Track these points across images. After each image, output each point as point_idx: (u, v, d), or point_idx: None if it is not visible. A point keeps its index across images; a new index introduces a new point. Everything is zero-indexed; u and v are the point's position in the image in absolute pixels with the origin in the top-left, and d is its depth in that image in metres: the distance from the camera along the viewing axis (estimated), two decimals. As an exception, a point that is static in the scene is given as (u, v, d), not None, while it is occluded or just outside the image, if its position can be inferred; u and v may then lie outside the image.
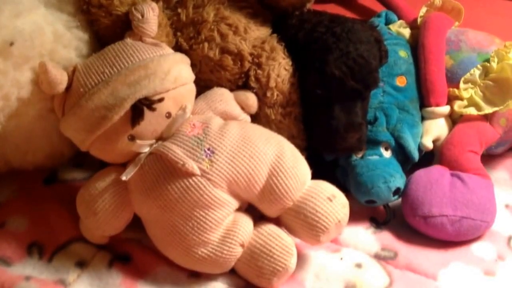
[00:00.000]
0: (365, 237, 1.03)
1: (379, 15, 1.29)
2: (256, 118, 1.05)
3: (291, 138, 1.00)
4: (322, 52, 1.01)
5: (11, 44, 0.90)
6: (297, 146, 0.99)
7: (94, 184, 0.95)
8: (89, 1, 0.98)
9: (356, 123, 1.01)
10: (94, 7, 0.98)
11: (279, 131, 1.01)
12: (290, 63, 1.05)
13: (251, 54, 1.05)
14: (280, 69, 1.04)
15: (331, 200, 0.92)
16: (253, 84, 1.04)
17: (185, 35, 1.05)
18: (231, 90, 1.04)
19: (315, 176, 0.97)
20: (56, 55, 0.95)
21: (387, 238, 1.03)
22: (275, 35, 1.08)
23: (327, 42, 1.02)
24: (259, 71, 1.04)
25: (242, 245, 0.91)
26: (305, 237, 0.94)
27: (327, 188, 0.94)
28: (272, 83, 1.03)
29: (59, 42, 0.96)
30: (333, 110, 1.01)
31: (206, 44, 1.03)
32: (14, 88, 0.91)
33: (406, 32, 1.22)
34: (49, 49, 0.94)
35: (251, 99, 1.04)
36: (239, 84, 1.06)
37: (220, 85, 1.05)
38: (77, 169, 1.11)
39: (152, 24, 0.97)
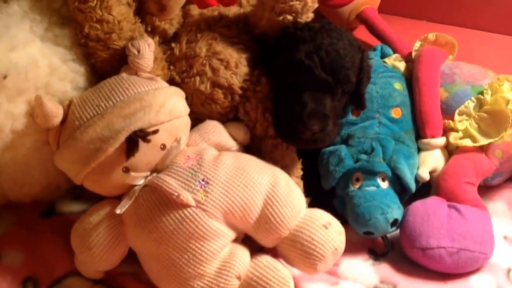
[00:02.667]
0: (364, 270, 1.02)
1: (374, 49, 1.30)
2: (249, 150, 1.05)
3: (284, 168, 1.01)
4: (296, 42, 1.01)
5: (5, 77, 0.91)
6: (291, 176, 0.99)
7: (88, 218, 0.95)
8: (88, 35, 0.99)
9: (321, 112, 0.99)
10: (92, 41, 1.00)
11: (272, 161, 1.01)
12: None
13: (241, 88, 1.05)
14: (268, 101, 1.04)
15: (326, 228, 0.92)
16: (242, 117, 1.05)
17: (177, 69, 1.06)
18: (222, 123, 1.05)
19: (312, 206, 0.97)
20: (52, 88, 0.96)
21: (386, 270, 1.02)
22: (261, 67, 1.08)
23: (303, 35, 1.01)
24: (247, 104, 1.04)
25: (238, 278, 0.90)
26: (302, 266, 0.93)
27: (322, 216, 0.94)
28: (260, 115, 1.04)
29: (54, 75, 0.97)
30: (301, 98, 0.99)
31: (197, 78, 1.04)
32: (8, 120, 0.93)
33: (401, 65, 1.23)
34: (45, 82, 0.96)
35: (243, 131, 1.05)
36: (230, 117, 1.07)
37: (211, 118, 1.06)
38: (75, 201, 1.11)
39: (148, 59, 0.99)
